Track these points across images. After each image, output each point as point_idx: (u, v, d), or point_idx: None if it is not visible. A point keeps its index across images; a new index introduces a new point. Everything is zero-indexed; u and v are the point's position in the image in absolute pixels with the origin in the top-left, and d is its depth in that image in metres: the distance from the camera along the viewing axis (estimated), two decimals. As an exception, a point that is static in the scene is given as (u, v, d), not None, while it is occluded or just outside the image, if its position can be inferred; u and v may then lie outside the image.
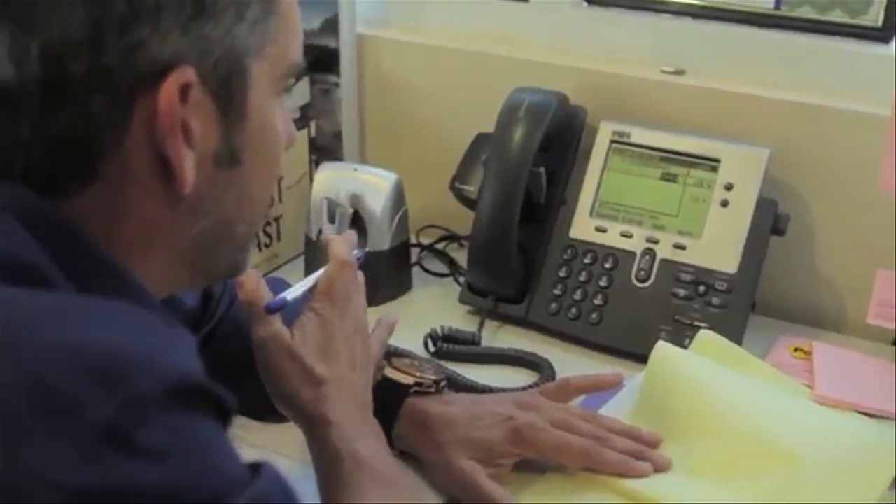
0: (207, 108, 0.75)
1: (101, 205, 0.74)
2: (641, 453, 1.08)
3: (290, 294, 1.02)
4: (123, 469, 0.60)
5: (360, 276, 1.07)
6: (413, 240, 1.57)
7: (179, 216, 0.78)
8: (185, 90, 0.72)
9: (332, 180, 1.49)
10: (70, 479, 0.59)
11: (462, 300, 1.47)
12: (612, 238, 1.40)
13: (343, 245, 1.06)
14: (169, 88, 0.71)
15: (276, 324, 1.00)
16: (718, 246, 1.35)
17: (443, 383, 1.14)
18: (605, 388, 1.19)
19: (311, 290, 1.04)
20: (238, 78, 0.76)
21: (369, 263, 1.27)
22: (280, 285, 1.10)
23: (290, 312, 1.02)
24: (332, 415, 0.97)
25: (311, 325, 1.01)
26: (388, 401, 1.09)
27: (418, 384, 1.11)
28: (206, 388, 0.67)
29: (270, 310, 1.00)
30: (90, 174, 0.73)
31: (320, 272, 1.05)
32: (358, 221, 1.46)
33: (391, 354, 1.17)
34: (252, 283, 1.00)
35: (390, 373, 1.12)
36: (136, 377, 0.62)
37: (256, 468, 0.69)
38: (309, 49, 0.84)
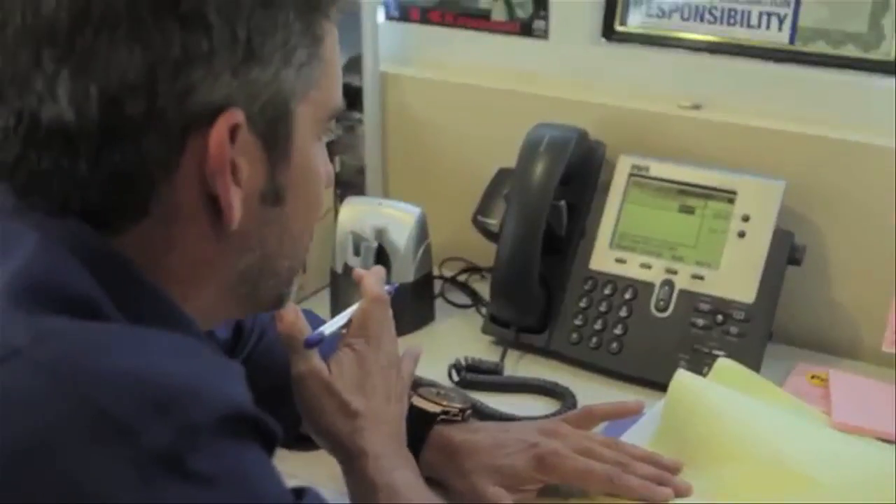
0: (254, 149, 0.78)
1: (151, 240, 0.77)
2: (663, 479, 1.10)
3: (328, 329, 1.05)
4: (177, 493, 0.64)
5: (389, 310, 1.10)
6: (435, 272, 1.59)
7: (225, 251, 0.81)
8: (234, 131, 0.75)
9: (356, 214, 1.52)
10: (127, 502, 0.62)
11: (485, 331, 1.49)
12: (631, 269, 1.43)
13: (375, 281, 1.10)
14: (220, 130, 0.74)
15: (315, 359, 1.04)
16: (736, 276, 1.38)
17: (468, 412, 1.16)
18: (627, 415, 1.21)
19: (346, 325, 1.07)
20: (283, 120, 0.79)
21: (393, 296, 1.30)
22: (310, 317, 1.13)
23: (327, 346, 1.05)
24: (369, 447, 1.00)
25: (347, 361, 1.05)
26: (416, 429, 1.11)
27: (445, 412, 1.14)
28: (256, 417, 0.70)
29: (309, 344, 1.03)
30: (142, 210, 0.76)
31: (354, 307, 1.08)
32: (382, 255, 1.49)
33: (417, 384, 1.20)
34: (292, 316, 1.03)
35: (417, 402, 1.14)
36: (190, 406, 0.66)
37: (300, 493, 0.73)
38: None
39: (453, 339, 1.49)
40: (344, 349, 1.06)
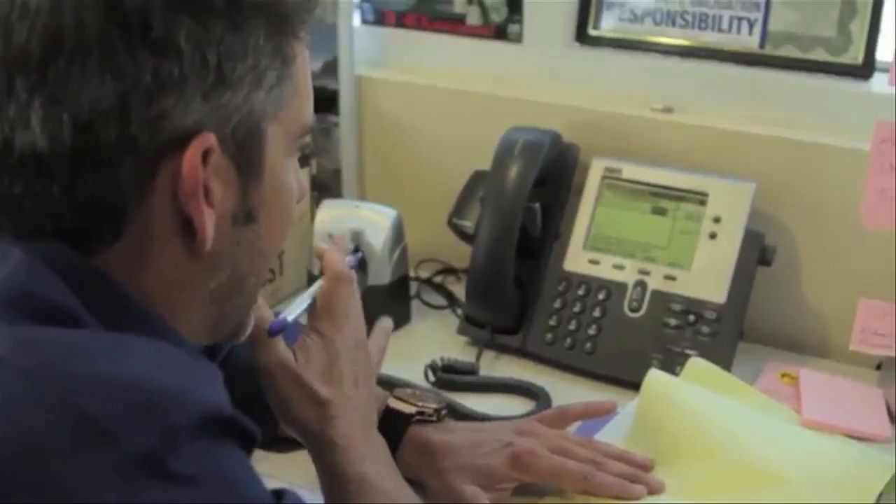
0: (226, 171, 0.78)
1: (125, 261, 0.77)
2: (636, 476, 1.11)
3: (290, 314, 1.03)
4: (159, 495, 0.65)
5: (356, 285, 1.08)
6: (412, 273, 1.60)
7: (198, 272, 0.81)
8: (206, 155, 0.76)
9: (333, 217, 1.52)
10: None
11: (460, 331, 1.50)
12: (604, 270, 1.44)
13: (337, 255, 1.08)
14: (192, 154, 0.75)
15: (280, 348, 1.02)
16: (707, 277, 1.39)
17: (444, 412, 1.17)
18: (600, 414, 1.22)
19: (310, 307, 1.06)
20: (255, 141, 0.80)
21: (369, 297, 1.30)
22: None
23: (291, 331, 1.04)
24: (338, 438, 1.01)
25: (314, 347, 1.03)
26: (392, 430, 1.11)
27: (420, 413, 1.14)
28: (234, 418, 0.71)
29: (272, 332, 1.01)
30: (116, 233, 0.77)
31: (316, 286, 1.06)
32: (359, 257, 1.50)
33: (393, 385, 1.21)
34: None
35: (393, 403, 1.15)
36: (170, 409, 0.67)
37: (280, 495, 0.74)
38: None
39: (429, 340, 1.50)
40: (310, 334, 1.04)
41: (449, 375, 1.39)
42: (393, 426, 1.12)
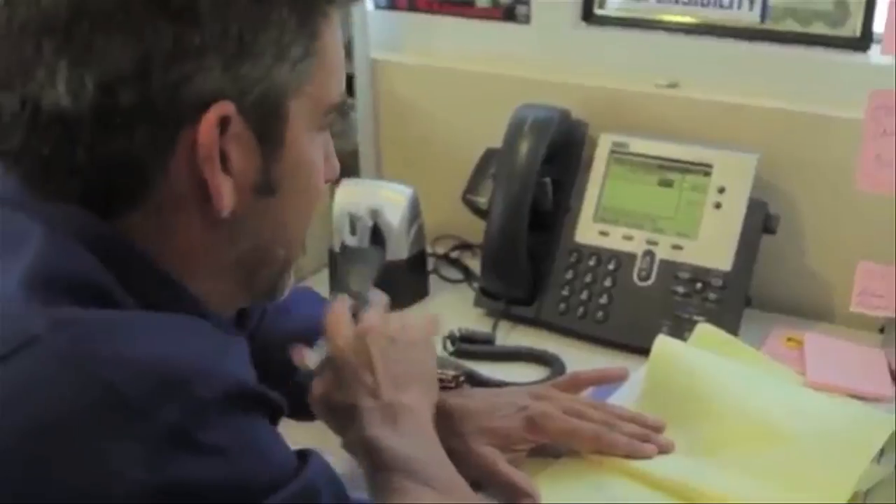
0: (247, 141, 0.80)
1: (148, 226, 0.80)
2: (647, 437, 1.15)
3: (311, 363, 1.10)
4: (189, 466, 0.69)
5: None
6: (429, 249, 1.64)
7: (220, 239, 0.83)
8: (224, 123, 0.77)
9: (352, 196, 1.56)
10: (144, 476, 0.67)
11: (476, 304, 1.54)
12: (614, 241, 1.48)
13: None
14: (209, 121, 0.76)
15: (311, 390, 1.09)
16: (713, 245, 1.43)
17: (462, 378, 1.21)
18: (612, 381, 1.25)
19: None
20: (276, 114, 0.81)
21: (388, 273, 1.34)
22: (310, 296, 1.19)
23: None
24: (365, 433, 1.01)
25: (326, 374, 1.09)
26: None
27: (440, 380, 1.17)
28: (258, 391, 0.75)
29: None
30: (139, 197, 0.79)
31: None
32: (377, 234, 1.54)
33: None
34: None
35: (414, 370, 1.20)
36: (197, 385, 0.70)
37: (305, 456, 0.78)
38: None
39: (447, 313, 1.52)
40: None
41: (466, 345, 1.42)
42: None
